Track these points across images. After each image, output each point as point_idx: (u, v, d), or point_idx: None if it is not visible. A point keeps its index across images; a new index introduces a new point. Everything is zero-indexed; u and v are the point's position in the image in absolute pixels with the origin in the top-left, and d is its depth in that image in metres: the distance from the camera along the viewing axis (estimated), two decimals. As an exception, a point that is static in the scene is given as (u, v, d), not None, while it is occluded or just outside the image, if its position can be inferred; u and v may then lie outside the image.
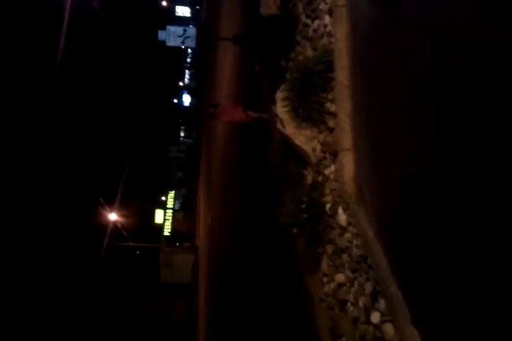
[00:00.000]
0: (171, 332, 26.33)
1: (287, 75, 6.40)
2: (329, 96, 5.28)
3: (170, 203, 50.74)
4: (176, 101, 68.15)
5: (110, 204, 31.21)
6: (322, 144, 5.45)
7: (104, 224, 30.52)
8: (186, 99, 66.32)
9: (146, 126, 44.84)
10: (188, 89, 67.33)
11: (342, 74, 4.84)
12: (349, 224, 4.73)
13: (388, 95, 4.05)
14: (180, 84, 70.31)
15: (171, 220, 46.21)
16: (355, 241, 4.54)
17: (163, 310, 26.91)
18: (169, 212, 48.22)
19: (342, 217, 4.86)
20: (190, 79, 70.32)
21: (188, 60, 71.01)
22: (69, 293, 29.17)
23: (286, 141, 6.16)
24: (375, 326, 3.96)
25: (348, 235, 4.71)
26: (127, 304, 30.93)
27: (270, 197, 7.43)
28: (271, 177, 7.12)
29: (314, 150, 5.62)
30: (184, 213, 46.28)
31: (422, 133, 3.53)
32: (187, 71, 71.36)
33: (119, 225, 31.34)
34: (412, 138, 3.68)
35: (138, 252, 34.56)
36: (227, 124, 8.76)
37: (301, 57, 6.00)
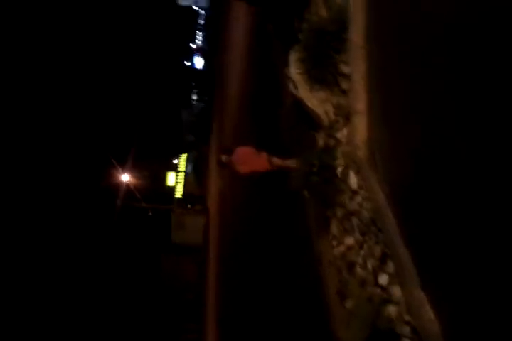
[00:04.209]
0: (181, 291, 26.98)
1: (301, 36, 6.27)
2: (343, 58, 5.17)
3: (182, 166, 50.92)
4: (188, 63, 67.41)
5: (123, 166, 31.45)
6: (335, 107, 5.37)
7: (117, 186, 30.84)
8: (199, 62, 65.54)
9: (157, 89, 44.56)
10: (200, 51, 66.46)
11: (357, 35, 4.71)
12: (360, 187, 4.71)
13: (405, 56, 3.95)
14: (193, 46, 69.38)
15: (182, 183, 46.52)
16: (365, 205, 4.53)
17: (174, 270, 27.50)
18: (181, 175, 48.44)
19: (353, 180, 4.84)
20: (203, 42, 69.33)
21: (201, 21, 69.78)
22: (83, 254, 29.76)
23: (299, 104, 6.09)
24: (382, 288, 3.99)
25: (358, 198, 4.70)
26: (140, 264, 31.56)
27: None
28: (283, 140, 7.07)
29: (327, 113, 5.55)
30: (196, 176, 46.54)
31: (438, 97, 3.46)
32: (200, 33, 70.26)
33: (131, 187, 31.66)
34: (427, 102, 3.61)
35: (150, 214, 35.00)
36: (245, 173, 6.58)
37: (315, 17, 5.86)
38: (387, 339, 3.68)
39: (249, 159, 6.40)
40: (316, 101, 5.68)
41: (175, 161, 51.87)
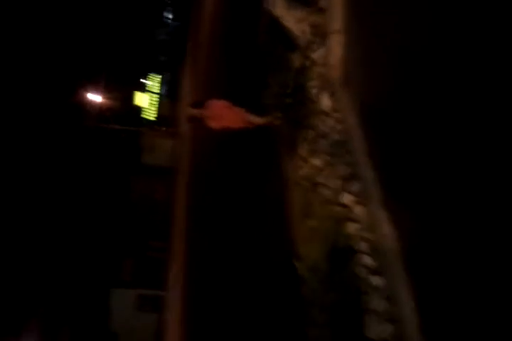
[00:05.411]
0: (151, 212, 27.44)
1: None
2: (324, -26, 4.97)
3: (156, 88, 49.88)
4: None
5: (93, 86, 30.59)
6: (312, 26, 5.23)
7: (87, 106, 30.18)
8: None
9: (129, 7, 42.45)
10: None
11: None
12: (333, 110, 4.71)
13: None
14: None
15: (155, 105, 45.85)
16: (336, 127, 4.55)
17: (144, 191, 27.77)
18: (155, 97, 47.62)
19: (326, 102, 4.82)
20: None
21: None
22: (51, 173, 29.58)
23: (276, 23, 5.91)
24: (345, 207, 4.11)
25: (330, 121, 4.71)
26: (110, 184, 31.66)
27: (256, 80, 7.29)
28: (258, 60, 6.92)
29: (303, 32, 5.41)
30: (169, 99, 45.80)
31: (415, 15, 3.39)
32: None
33: (103, 107, 31.02)
34: (404, 21, 3.54)
35: (123, 135, 34.64)
36: (217, 129, 6.03)
37: None
38: (346, 255, 3.84)
39: (223, 114, 5.85)
40: (293, 20, 5.52)
41: (147, 82, 50.69)
